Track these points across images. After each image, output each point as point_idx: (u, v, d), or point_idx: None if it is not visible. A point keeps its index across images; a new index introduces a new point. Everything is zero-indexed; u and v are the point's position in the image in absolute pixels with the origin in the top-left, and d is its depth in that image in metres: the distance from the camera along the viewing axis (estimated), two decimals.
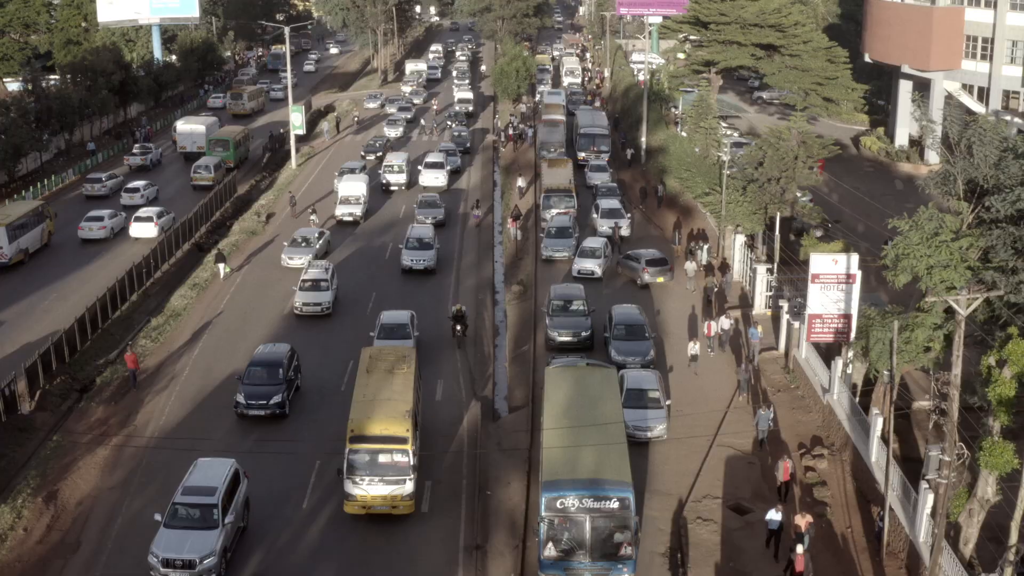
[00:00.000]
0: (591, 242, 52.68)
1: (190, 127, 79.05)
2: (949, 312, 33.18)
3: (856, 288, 35.45)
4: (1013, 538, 22.72)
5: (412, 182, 68.94)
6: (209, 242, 59.29)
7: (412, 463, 30.61)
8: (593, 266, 50.57)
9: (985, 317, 33.21)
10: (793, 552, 27.56)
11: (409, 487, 30.58)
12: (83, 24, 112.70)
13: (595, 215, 59.24)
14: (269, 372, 37.41)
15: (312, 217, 60.49)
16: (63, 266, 53.27)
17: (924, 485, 27.27)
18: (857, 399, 35.12)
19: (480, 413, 37.94)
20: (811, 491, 32.31)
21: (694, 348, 40.48)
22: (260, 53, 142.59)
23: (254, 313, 46.99)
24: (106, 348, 44.16)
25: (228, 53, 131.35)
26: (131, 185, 66.03)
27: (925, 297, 32.91)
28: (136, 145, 79.32)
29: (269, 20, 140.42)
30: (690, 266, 49.48)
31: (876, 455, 31.15)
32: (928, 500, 27.05)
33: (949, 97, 68.02)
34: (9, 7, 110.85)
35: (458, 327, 43.51)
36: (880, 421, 31.10)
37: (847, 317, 35.41)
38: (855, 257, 35.89)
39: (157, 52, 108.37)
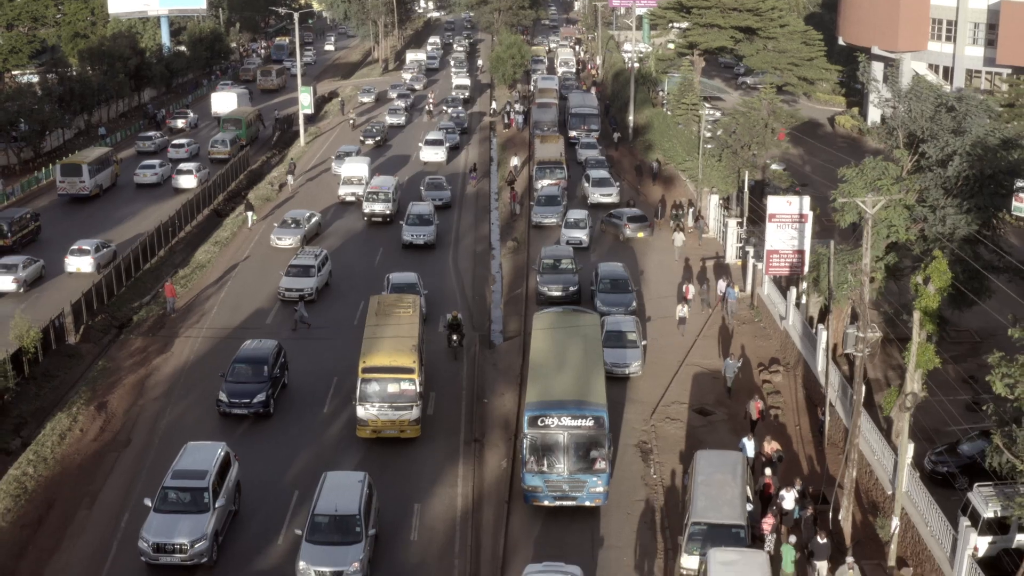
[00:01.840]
0: (575, 213, 55.88)
1: (224, 95, 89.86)
2: (890, 247, 38.04)
3: (808, 227, 40.16)
4: (908, 387, 27.39)
5: (401, 210, 59.08)
6: (227, 209, 64.11)
7: (418, 391, 34.14)
8: (581, 235, 53.79)
9: (921, 250, 37.95)
10: (762, 476, 31.54)
11: (416, 413, 33.94)
12: (90, 18, 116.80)
13: (586, 184, 63.60)
14: (254, 369, 36.25)
15: (288, 178, 66.70)
16: (126, 204, 64.06)
17: (858, 381, 31.97)
18: (813, 330, 39.80)
19: (478, 342, 42.67)
20: (766, 398, 37.03)
21: (683, 311, 43.69)
22: (265, 44, 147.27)
23: (274, 263, 51.44)
24: (139, 294, 48.96)
25: (234, 44, 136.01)
26: (177, 141, 76.55)
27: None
28: (186, 109, 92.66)
29: (271, 14, 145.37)
30: (678, 236, 53.19)
31: (822, 364, 35.86)
32: (861, 393, 31.73)
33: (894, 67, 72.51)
34: (18, 0, 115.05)
35: (454, 337, 40.76)
36: (825, 335, 35.82)
37: (800, 252, 40.11)
38: (807, 199, 40.63)
39: (166, 42, 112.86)
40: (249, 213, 58.61)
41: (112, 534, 29.61)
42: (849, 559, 25.99)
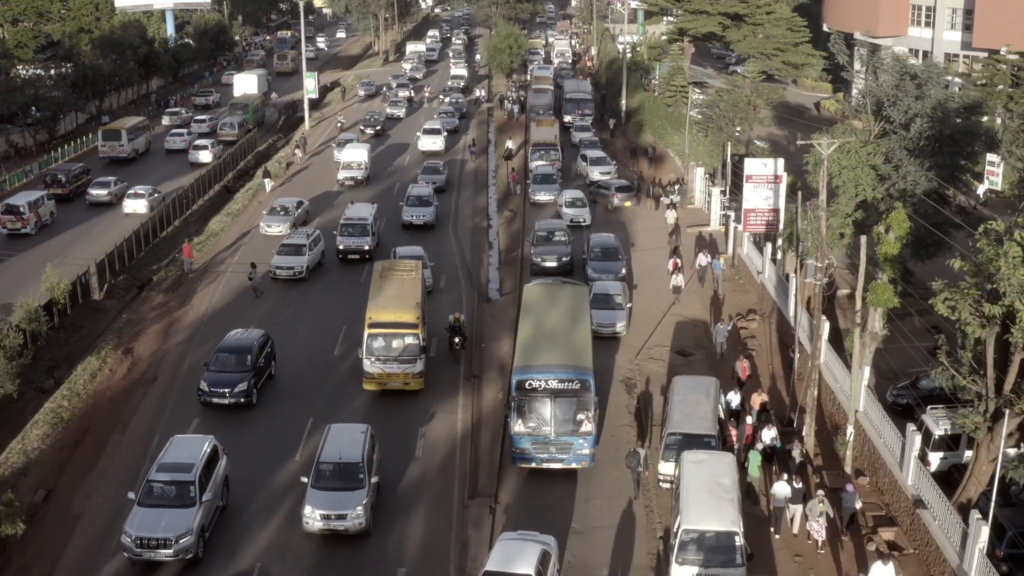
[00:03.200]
0: (572, 193, 58.03)
1: (246, 77, 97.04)
2: (859, 206, 41.05)
3: (782, 187, 43.21)
4: (858, 304, 30.45)
5: (382, 244, 51.65)
6: (236, 186, 67.34)
7: (421, 345, 36.21)
8: (584, 214, 55.72)
9: (886, 207, 40.97)
10: (743, 423, 33.80)
11: (419, 366, 35.70)
12: (95, 13, 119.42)
13: (584, 163, 65.76)
14: (237, 359, 35.65)
15: (296, 152, 71.76)
16: (157, 167, 71.39)
17: (824, 319, 35.03)
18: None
19: (476, 297, 45.76)
20: (744, 343, 40.11)
21: (676, 280, 45.61)
22: (268, 38, 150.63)
23: None
24: (157, 258, 52.08)
25: (237, 38, 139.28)
26: (199, 117, 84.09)
27: (836, 192, 40.56)
28: (210, 88, 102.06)
29: (273, 8, 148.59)
30: (671, 214, 55.36)
31: (792, 308, 38.86)
32: (825, 329, 34.79)
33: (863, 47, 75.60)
34: None
35: (456, 339, 39.45)
36: (795, 281, 38.83)
37: (775, 211, 43.17)
38: (780, 161, 43.70)
39: (171, 34, 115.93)
40: (267, 180, 62.93)
41: (143, 454, 32.51)
42: (819, 493, 28.46)
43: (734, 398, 34.99)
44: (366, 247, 49.49)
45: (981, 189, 53.68)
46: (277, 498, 30.11)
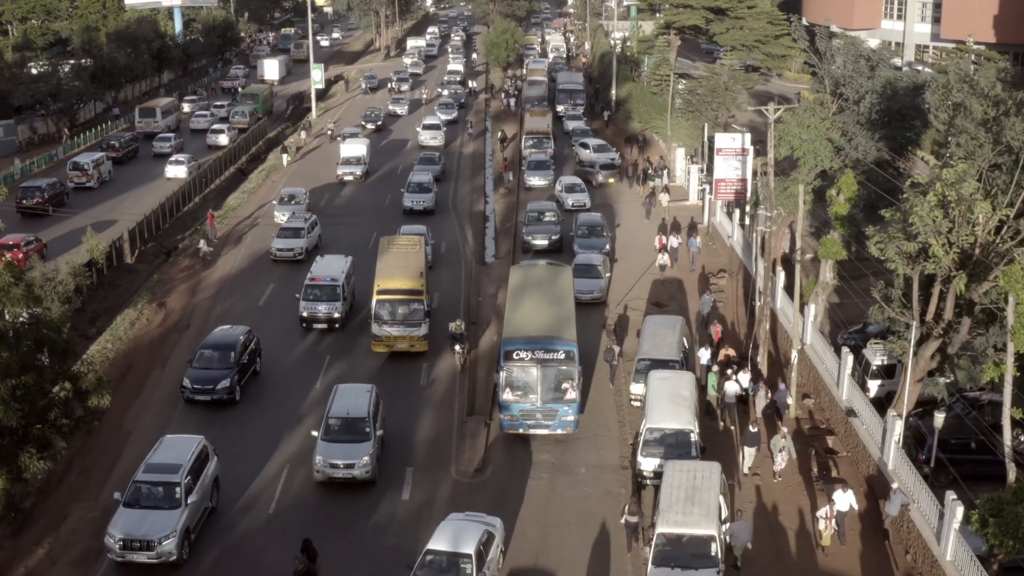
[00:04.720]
0: (570, 179, 61.48)
1: (270, 62, 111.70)
2: (818, 176, 45.70)
3: (749, 159, 47.89)
4: (799, 244, 35.13)
5: (356, 306, 43.79)
6: (250, 168, 72.11)
7: (425, 311, 39.59)
8: (584, 199, 58.89)
9: (842, 176, 45.61)
10: (723, 378, 38.27)
11: (424, 330, 38.64)
12: (102, 11, 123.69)
13: (587, 151, 68.26)
14: (220, 356, 35.80)
15: (302, 134, 78.97)
16: (187, 143, 79.33)
17: (780, 269, 39.73)
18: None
19: (473, 260, 50.46)
20: (718, 306, 44.85)
21: (663, 259, 49.40)
22: (272, 35, 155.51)
23: None
24: (181, 229, 56.78)
25: (243, 34, 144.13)
26: (218, 103, 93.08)
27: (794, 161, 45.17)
28: (236, 73, 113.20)
29: (277, 6, 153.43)
30: (664, 197, 59.27)
31: (755, 263, 43.51)
32: (782, 278, 39.52)
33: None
34: None
35: (457, 348, 39.21)
36: (756, 237, 43.47)
37: (743, 181, 47.84)
38: (748, 135, 48.38)
39: (179, 30, 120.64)
40: (284, 155, 69.42)
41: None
42: (784, 429, 32.65)
43: (704, 354, 38.29)
44: (336, 314, 41.62)
45: None
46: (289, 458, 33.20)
